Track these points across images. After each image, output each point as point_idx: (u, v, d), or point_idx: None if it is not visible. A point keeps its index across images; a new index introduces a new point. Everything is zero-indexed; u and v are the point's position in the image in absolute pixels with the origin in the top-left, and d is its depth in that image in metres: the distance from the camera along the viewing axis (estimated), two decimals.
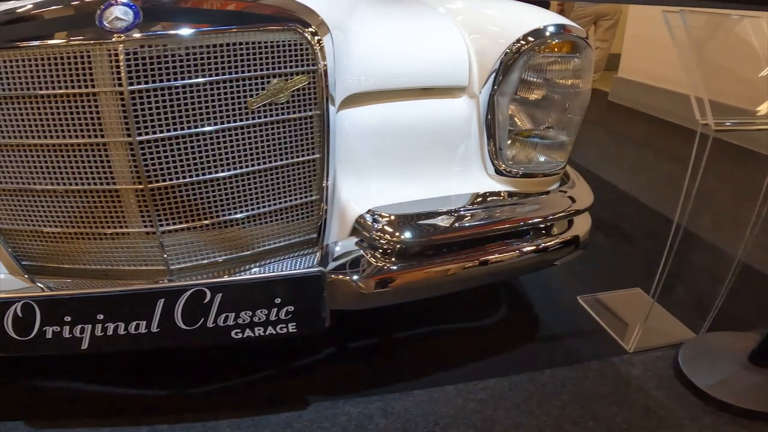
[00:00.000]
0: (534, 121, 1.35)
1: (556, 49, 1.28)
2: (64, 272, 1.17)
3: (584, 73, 1.31)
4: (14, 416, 1.28)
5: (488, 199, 1.31)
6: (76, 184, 1.07)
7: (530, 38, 1.25)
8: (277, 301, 1.10)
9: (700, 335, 1.59)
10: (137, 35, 0.97)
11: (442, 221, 1.23)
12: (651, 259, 1.58)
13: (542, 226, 1.34)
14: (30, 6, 0.98)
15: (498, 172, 1.35)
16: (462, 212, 1.25)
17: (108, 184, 1.07)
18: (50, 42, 0.97)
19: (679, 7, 1.49)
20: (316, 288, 1.11)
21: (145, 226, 1.10)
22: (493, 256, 1.27)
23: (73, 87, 0.99)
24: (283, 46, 1.07)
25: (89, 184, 1.07)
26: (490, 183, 1.36)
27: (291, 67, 1.09)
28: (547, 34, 1.26)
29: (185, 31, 0.99)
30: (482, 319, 1.70)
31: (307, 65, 1.11)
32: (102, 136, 1.02)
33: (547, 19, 1.29)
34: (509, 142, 1.34)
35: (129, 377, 1.41)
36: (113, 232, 1.12)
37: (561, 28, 1.27)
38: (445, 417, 1.30)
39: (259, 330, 1.11)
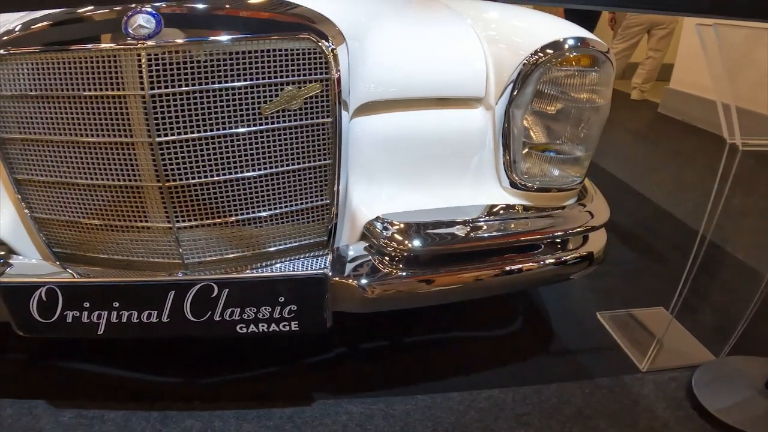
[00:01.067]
0: (550, 135, 1.35)
1: (574, 63, 1.27)
2: (90, 260, 1.25)
3: (603, 87, 1.30)
4: (36, 395, 1.37)
5: (501, 211, 1.32)
6: (106, 180, 1.15)
7: (548, 50, 1.25)
8: (281, 299, 1.14)
9: (719, 358, 1.55)
10: (159, 42, 1.03)
11: (452, 231, 1.24)
12: (679, 278, 1.55)
13: (556, 241, 1.34)
14: (64, 13, 1.06)
15: (513, 185, 1.35)
16: (472, 223, 1.26)
17: (133, 180, 1.14)
18: (84, 47, 1.04)
19: (714, 21, 1.46)
20: (318, 289, 1.15)
21: (162, 222, 1.17)
22: (502, 269, 1.28)
23: (103, 89, 1.06)
24: (298, 54, 1.11)
25: (117, 180, 1.14)
26: (503, 195, 1.36)
27: (305, 75, 1.13)
28: (566, 46, 1.25)
29: (204, 39, 1.05)
30: (496, 329, 1.71)
31: (321, 73, 1.14)
32: (128, 136, 1.09)
33: (568, 31, 1.29)
34: (524, 152, 1.35)
35: (146, 364, 1.49)
36: (136, 225, 1.19)
37: (580, 41, 1.26)
38: (444, 423, 1.32)
39: (262, 326, 1.16)
